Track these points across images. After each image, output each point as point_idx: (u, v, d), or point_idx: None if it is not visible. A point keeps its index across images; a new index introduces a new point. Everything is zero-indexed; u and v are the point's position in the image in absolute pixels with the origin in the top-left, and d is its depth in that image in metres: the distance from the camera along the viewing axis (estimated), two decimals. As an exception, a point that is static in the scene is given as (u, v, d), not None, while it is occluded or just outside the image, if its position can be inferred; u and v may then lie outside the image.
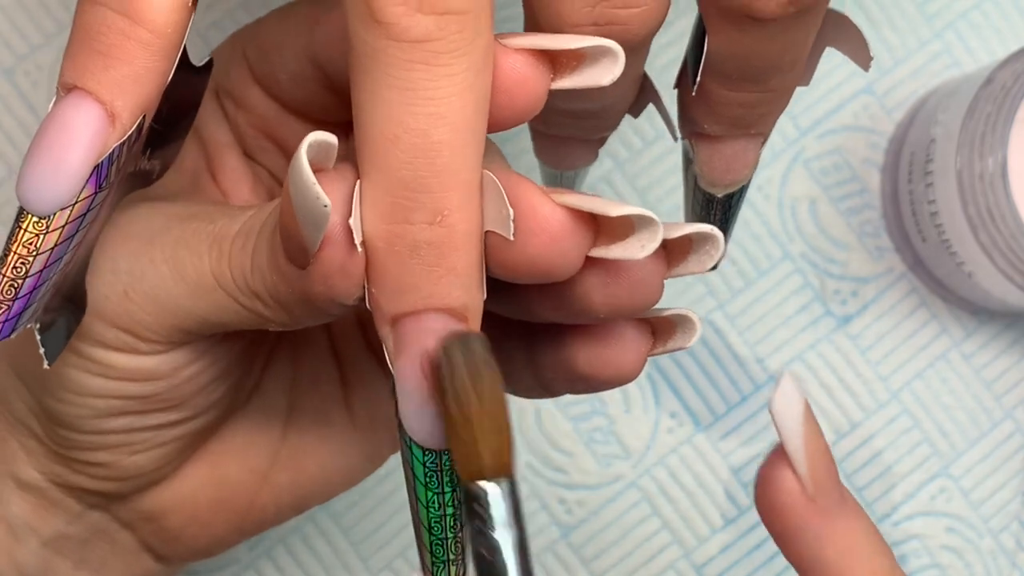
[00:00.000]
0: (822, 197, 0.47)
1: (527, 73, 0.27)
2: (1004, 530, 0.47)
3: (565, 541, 0.46)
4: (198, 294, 0.29)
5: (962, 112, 0.42)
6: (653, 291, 0.28)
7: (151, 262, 0.29)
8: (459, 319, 0.26)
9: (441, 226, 0.25)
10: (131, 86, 0.26)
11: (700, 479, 0.46)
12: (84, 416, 0.31)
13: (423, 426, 0.26)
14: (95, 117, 0.25)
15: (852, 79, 0.47)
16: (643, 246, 0.26)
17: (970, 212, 0.42)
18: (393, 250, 0.26)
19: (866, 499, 0.47)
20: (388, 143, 0.25)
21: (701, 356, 0.47)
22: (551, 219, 0.26)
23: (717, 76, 0.30)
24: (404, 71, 0.25)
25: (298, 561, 0.46)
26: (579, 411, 0.47)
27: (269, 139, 0.33)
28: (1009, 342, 0.47)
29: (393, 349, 0.26)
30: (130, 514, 0.34)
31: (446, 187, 0.25)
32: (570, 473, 0.46)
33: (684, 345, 0.30)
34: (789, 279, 0.47)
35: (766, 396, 0.47)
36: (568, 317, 0.29)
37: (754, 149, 0.32)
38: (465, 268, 0.26)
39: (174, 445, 0.33)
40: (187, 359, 0.30)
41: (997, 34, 0.48)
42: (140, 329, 0.29)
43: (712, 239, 0.28)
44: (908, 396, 0.47)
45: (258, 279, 0.28)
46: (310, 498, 0.35)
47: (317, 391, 0.35)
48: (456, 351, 0.25)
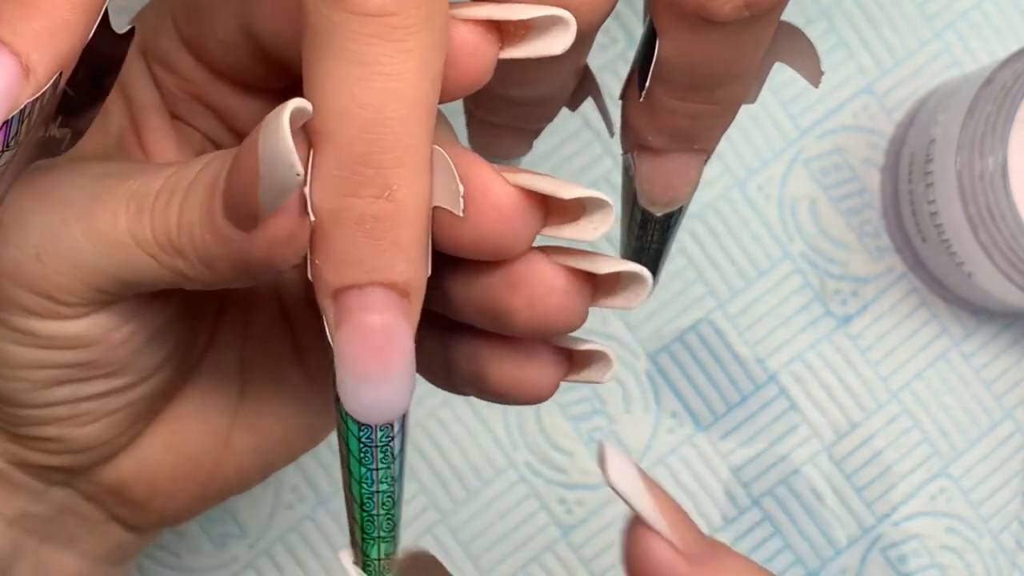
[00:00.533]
0: (822, 197, 0.47)
1: (475, 43, 0.27)
2: (1004, 530, 0.47)
3: (565, 541, 0.46)
4: (111, 252, 0.28)
5: (962, 112, 0.42)
6: (576, 316, 0.28)
7: (63, 222, 0.28)
8: (401, 294, 0.26)
9: (389, 200, 0.25)
10: (49, 39, 0.25)
11: (700, 479, 0.46)
12: (24, 390, 0.30)
13: (359, 400, 0.26)
14: (8, 69, 0.24)
15: (852, 79, 0.47)
16: (595, 228, 0.27)
17: (970, 212, 0.42)
18: (339, 222, 0.25)
19: (866, 499, 0.47)
20: (340, 117, 0.25)
21: (701, 356, 0.47)
22: (503, 198, 0.26)
23: (665, 84, 0.30)
24: (360, 45, 0.25)
25: (297, 560, 0.46)
26: (579, 411, 0.47)
27: (199, 102, 0.33)
28: (1009, 342, 0.47)
29: (333, 322, 0.26)
30: (93, 488, 0.34)
31: (396, 163, 0.25)
32: (570, 473, 0.46)
33: (598, 379, 0.29)
34: (789, 279, 0.47)
35: (766, 396, 0.47)
36: (488, 324, 0.29)
37: (696, 166, 0.31)
38: (410, 243, 0.26)
39: (125, 412, 0.32)
40: (115, 322, 0.30)
41: (997, 34, 0.48)
42: (56, 292, 0.29)
43: (641, 281, 0.28)
44: (908, 396, 0.47)
45: (185, 237, 0.27)
46: (273, 459, 0.35)
47: (269, 349, 0.34)
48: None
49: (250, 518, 0.46)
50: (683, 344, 0.47)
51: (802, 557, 0.46)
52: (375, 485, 0.27)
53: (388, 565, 0.29)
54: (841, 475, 0.47)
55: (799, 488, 0.47)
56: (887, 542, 0.47)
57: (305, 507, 0.46)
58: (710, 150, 0.32)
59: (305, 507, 0.46)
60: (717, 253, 0.47)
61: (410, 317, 0.26)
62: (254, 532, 0.46)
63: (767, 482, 0.47)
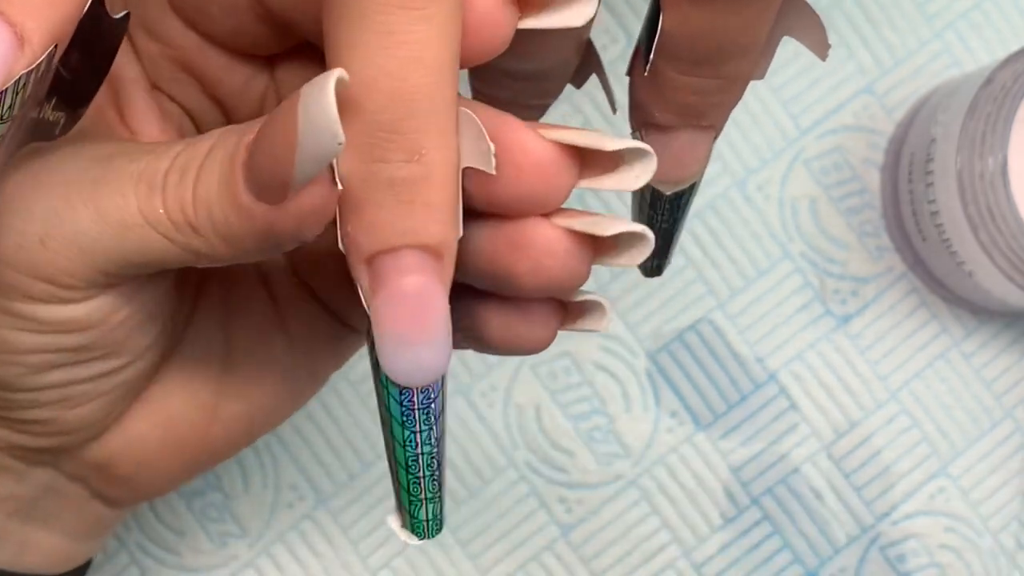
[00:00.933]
0: (822, 197, 0.47)
1: (496, 11, 0.27)
2: (1004, 530, 0.47)
3: (565, 540, 0.46)
4: (123, 233, 0.28)
5: (962, 112, 0.42)
6: (579, 277, 0.28)
7: (69, 206, 0.28)
8: (434, 256, 0.26)
9: (418, 163, 0.25)
10: (44, 9, 0.24)
11: (700, 478, 0.46)
12: (19, 374, 0.30)
13: (400, 364, 0.26)
14: (3, 38, 0.24)
15: (852, 79, 0.47)
16: (637, 177, 0.27)
17: (970, 212, 0.42)
18: (370, 187, 0.26)
19: (865, 498, 0.47)
20: (366, 86, 0.25)
21: (701, 355, 0.47)
22: (541, 154, 0.27)
23: (670, 59, 0.30)
24: (382, 15, 0.25)
25: (297, 559, 0.46)
26: (579, 410, 0.47)
27: (184, 71, 0.32)
28: (1009, 342, 0.47)
29: (368, 288, 0.26)
30: (78, 467, 0.34)
31: (423, 128, 0.25)
32: (570, 472, 0.46)
33: (596, 328, 0.30)
34: (789, 279, 0.47)
35: (766, 395, 0.47)
36: (491, 286, 0.29)
37: (705, 143, 0.31)
38: (441, 204, 0.26)
39: (116, 393, 0.32)
40: (116, 304, 0.30)
41: (997, 34, 0.48)
42: (61, 276, 0.29)
43: (644, 239, 0.28)
44: (907, 396, 0.47)
45: (203, 213, 0.27)
46: (260, 426, 0.35)
47: (251, 318, 0.34)
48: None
49: (250, 517, 0.46)
50: (683, 343, 0.47)
51: (801, 556, 0.46)
52: (419, 447, 0.28)
53: (436, 525, 0.29)
54: (840, 474, 0.47)
55: (798, 487, 0.47)
56: (886, 541, 0.47)
57: (305, 506, 0.46)
58: (719, 127, 0.32)
59: (305, 506, 0.46)
60: (717, 253, 0.47)
61: (444, 278, 0.26)
62: (254, 531, 0.46)
63: (766, 481, 0.47)
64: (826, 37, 0.31)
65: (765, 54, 0.31)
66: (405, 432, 0.27)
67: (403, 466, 0.28)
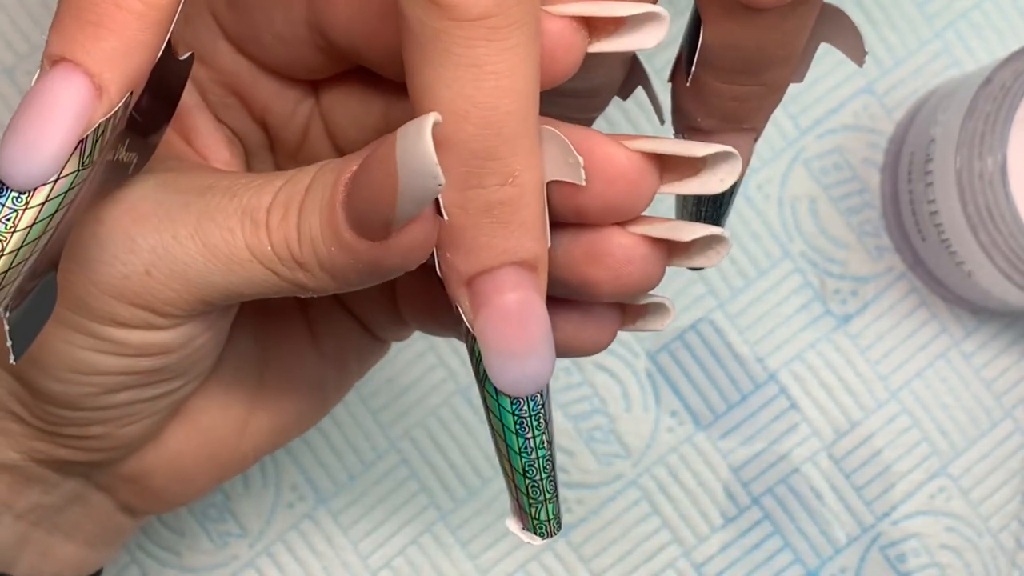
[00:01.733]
0: (822, 197, 0.47)
1: (570, 38, 0.27)
2: (1004, 529, 0.47)
3: (565, 540, 0.46)
4: (231, 268, 0.29)
5: (962, 112, 0.42)
6: (655, 280, 0.29)
7: (175, 239, 0.29)
8: (531, 270, 0.27)
9: (512, 185, 0.26)
10: (120, 59, 0.25)
11: (700, 478, 0.47)
12: (87, 395, 0.31)
13: (509, 377, 0.27)
14: (82, 89, 0.25)
15: (852, 79, 0.47)
16: (721, 180, 0.28)
17: (970, 212, 0.42)
18: (467, 213, 0.26)
19: (865, 498, 0.47)
20: (458, 118, 0.26)
21: (701, 355, 0.47)
22: (627, 164, 0.28)
23: (711, 68, 0.30)
24: (468, 48, 0.25)
25: (298, 559, 0.46)
26: (579, 410, 0.47)
27: (234, 95, 0.33)
28: (1009, 342, 0.47)
29: (471, 308, 0.27)
30: (110, 478, 0.34)
31: (515, 151, 0.26)
32: (570, 472, 0.46)
33: (657, 327, 0.31)
34: (789, 278, 0.47)
35: (766, 395, 0.47)
36: (568, 294, 0.30)
37: (746, 144, 0.32)
38: (534, 221, 0.27)
39: (168, 411, 0.33)
40: (200, 330, 0.31)
41: (997, 34, 0.48)
42: (160, 306, 0.29)
43: (722, 240, 0.29)
44: (908, 395, 0.47)
45: (308, 250, 0.28)
46: (287, 436, 0.36)
47: (284, 331, 0.35)
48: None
49: (251, 517, 0.46)
50: (683, 343, 0.47)
51: (801, 556, 0.46)
52: (534, 452, 0.29)
53: (557, 524, 0.30)
54: (840, 474, 0.47)
55: (799, 487, 0.47)
56: (886, 541, 0.47)
57: (305, 506, 0.46)
58: (760, 128, 0.32)
59: (305, 506, 0.46)
60: (717, 252, 0.47)
61: (541, 289, 0.27)
62: (255, 531, 0.46)
63: (767, 481, 0.47)
64: (862, 43, 0.32)
65: (804, 59, 0.32)
66: (520, 440, 0.28)
67: (520, 472, 0.29)
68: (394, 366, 0.46)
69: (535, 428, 0.28)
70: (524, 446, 0.28)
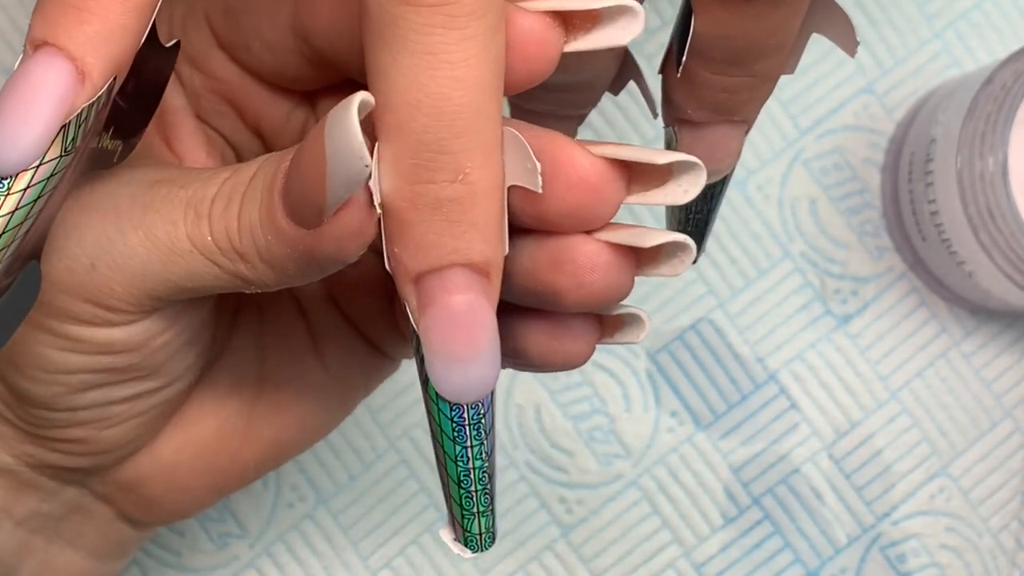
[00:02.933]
0: (822, 197, 0.47)
1: (543, 34, 0.27)
2: (1004, 529, 0.47)
3: (565, 540, 0.46)
4: (172, 260, 0.28)
5: (962, 112, 0.42)
6: (623, 289, 0.28)
7: (119, 232, 0.28)
8: (481, 273, 0.26)
9: (463, 183, 0.26)
10: (103, 44, 0.25)
11: (700, 478, 0.47)
12: (58, 394, 0.31)
13: (450, 381, 0.27)
14: (65, 74, 0.25)
15: (852, 79, 0.47)
16: (685, 191, 0.27)
17: (970, 212, 0.42)
18: (416, 208, 0.26)
19: (866, 498, 0.47)
20: (410, 108, 0.25)
21: (701, 355, 0.47)
22: (589, 170, 0.27)
23: (702, 59, 0.30)
24: (423, 35, 0.25)
25: (298, 559, 0.46)
26: (579, 410, 0.47)
27: (227, 103, 0.33)
28: (1009, 342, 0.47)
29: (417, 307, 0.27)
30: (107, 487, 0.34)
31: (468, 147, 0.25)
32: (570, 472, 0.46)
33: (633, 340, 0.30)
34: (789, 278, 0.47)
35: (766, 395, 0.47)
36: (533, 303, 0.29)
37: (737, 137, 0.32)
38: (487, 223, 0.26)
39: (151, 414, 0.32)
40: (159, 327, 0.30)
41: (997, 34, 0.48)
42: (109, 300, 0.29)
43: (686, 248, 0.28)
44: (908, 395, 0.47)
45: (247, 240, 0.27)
46: (289, 451, 0.35)
47: (287, 344, 0.35)
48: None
49: (251, 517, 0.46)
50: (683, 343, 0.47)
51: (802, 556, 0.46)
52: (470, 462, 0.28)
53: (489, 538, 0.29)
54: (841, 474, 0.47)
55: (799, 487, 0.47)
56: (886, 541, 0.47)
57: (306, 506, 0.46)
58: (751, 120, 0.32)
59: (306, 506, 0.46)
60: (717, 253, 0.47)
61: (491, 295, 0.27)
62: (255, 531, 0.46)
63: (767, 481, 0.47)
64: (855, 34, 0.32)
65: (795, 50, 0.32)
66: (457, 447, 0.28)
67: (455, 481, 0.28)
68: (394, 366, 0.46)
69: (473, 437, 0.28)
70: (460, 455, 0.28)
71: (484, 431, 0.28)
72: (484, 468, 0.28)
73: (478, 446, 0.28)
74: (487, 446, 0.28)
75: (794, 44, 0.31)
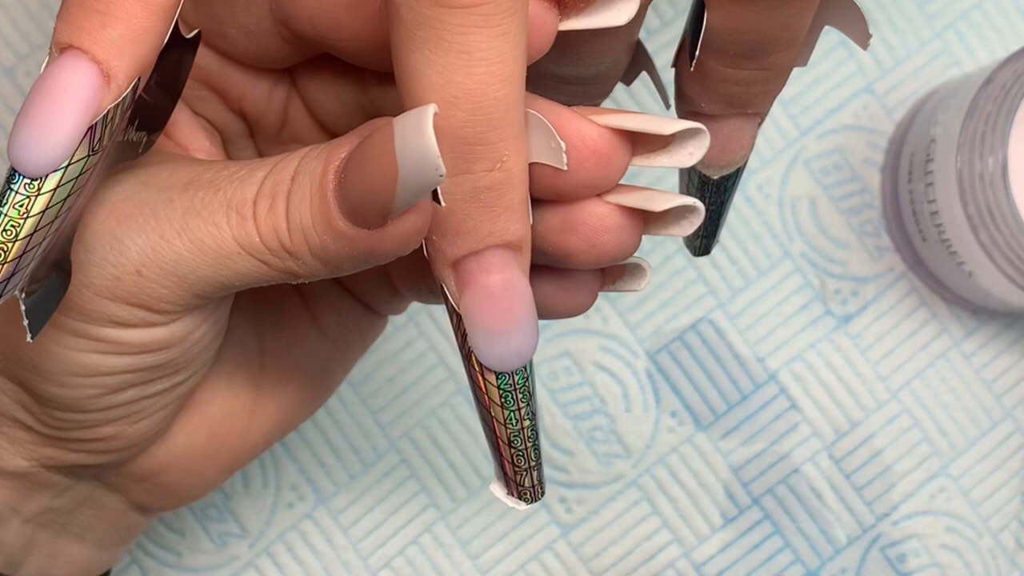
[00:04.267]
0: (822, 197, 0.47)
1: (538, 14, 0.27)
2: (1004, 529, 0.47)
3: (565, 540, 0.46)
4: (220, 262, 0.29)
5: (962, 112, 0.42)
6: (631, 248, 0.29)
7: (162, 238, 0.29)
8: (515, 250, 0.27)
9: (501, 171, 0.26)
10: (128, 46, 0.25)
11: (700, 478, 0.46)
12: (91, 396, 0.31)
13: (495, 353, 0.28)
14: (91, 77, 0.25)
15: (852, 79, 0.47)
16: (691, 154, 0.28)
17: (970, 212, 0.42)
18: (455, 199, 0.27)
19: (866, 498, 0.47)
20: (448, 105, 0.26)
21: (701, 355, 0.47)
22: (600, 141, 0.28)
23: (715, 52, 0.30)
24: (459, 35, 0.25)
25: (298, 559, 0.46)
26: (579, 410, 0.47)
27: (208, 89, 0.33)
28: (1009, 342, 0.47)
29: (456, 288, 0.28)
30: (122, 478, 0.34)
31: (504, 137, 0.26)
32: (570, 472, 0.46)
33: (636, 288, 0.31)
34: (789, 278, 0.47)
35: (766, 395, 0.47)
36: (546, 262, 0.30)
37: (750, 129, 0.32)
38: (519, 203, 0.27)
39: (175, 404, 0.33)
40: (197, 322, 0.31)
41: (997, 34, 0.48)
42: (155, 303, 0.29)
43: (694, 210, 0.29)
44: (908, 395, 0.47)
45: (298, 239, 0.28)
46: (296, 418, 0.36)
47: (282, 315, 0.35)
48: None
49: (251, 517, 0.46)
50: (683, 343, 0.47)
51: (802, 556, 0.46)
52: (520, 423, 0.29)
53: (541, 489, 0.31)
54: (841, 474, 0.47)
55: (799, 487, 0.47)
56: (887, 541, 0.47)
57: (306, 506, 0.46)
58: (764, 113, 0.32)
59: (306, 506, 0.46)
60: (717, 253, 0.47)
61: (525, 268, 0.28)
62: (255, 531, 0.46)
63: (767, 481, 0.47)
64: (867, 27, 0.32)
65: (808, 43, 0.32)
66: (506, 412, 0.29)
67: (506, 443, 0.30)
68: (394, 366, 0.46)
69: (521, 400, 0.29)
70: (510, 418, 0.29)
71: (529, 392, 0.29)
72: (532, 426, 0.30)
73: (526, 407, 0.29)
74: (533, 405, 0.29)
75: (807, 37, 0.31)
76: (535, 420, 0.30)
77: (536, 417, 0.30)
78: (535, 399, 0.30)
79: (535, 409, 0.30)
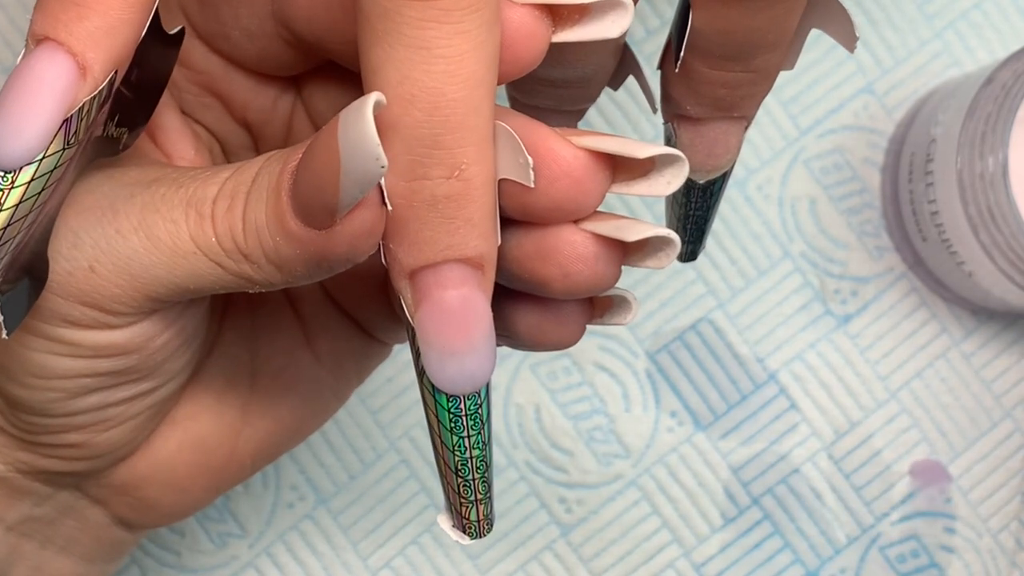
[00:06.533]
0: (822, 197, 0.47)
1: (531, 26, 0.27)
2: (1003, 530, 0.47)
3: (564, 540, 0.46)
4: (175, 261, 0.28)
5: (962, 112, 0.42)
6: (609, 279, 0.28)
7: (118, 232, 0.28)
8: (475, 267, 0.26)
9: (459, 180, 0.26)
10: (104, 38, 0.25)
11: (700, 478, 0.47)
12: (53, 400, 0.30)
13: (446, 374, 0.27)
14: (66, 69, 0.25)
15: (852, 79, 0.47)
16: (668, 183, 0.27)
17: (970, 212, 0.42)
18: (411, 205, 0.26)
19: (865, 498, 0.47)
20: (405, 103, 0.25)
21: (701, 355, 0.47)
22: (573, 163, 0.27)
23: (700, 54, 0.30)
24: (418, 30, 0.25)
25: (297, 559, 0.46)
26: (579, 410, 0.47)
27: (211, 95, 0.33)
28: (1009, 342, 0.47)
29: (412, 301, 0.27)
30: (102, 490, 0.34)
31: (462, 142, 0.25)
32: (570, 472, 0.46)
33: (622, 322, 0.30)
34: (789, 278, 0.47)
35: (766, 395, 0.47)
36: (523, 289, 0.29)
37: (736, 133, 0.32)
38: (481, 218, 0.26)
39: (147, 414, 0.32)
40: (157, 328, 0.30)
41: (997, 34, 0.48)
42: (109, 303, 0.29)
43: (670, 243, 0.28)
44: (907, 395, 0.47)
45: (253, 241, 0.27)
46: (285, 443, 0.35)
47: (278, 337, 0.34)
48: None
49: (250, 517, 0.46)
50: (683, 343, 0.47)
51: (801, 556, 0.46)
52: (468, 452, 0.28)
53: (488, 524, 0.29)
54: (840, 474, 0.47)
55: (798, 487, 0.47)
56: (886, 541, 0.47)
57: (305, 506, 0.46)
58: (750, 117, 0.32)
59: (305, 506, 0.46)
60: (717, 253, 0.47)
61: (486, 288, 0.27)
62: (255, 531, 0.46)
63: (767, 481, 0.47)
64: (854, 29, 0.31)
65: (794, 46, 0.32)
66: (455, 438, 0.28)
67: (454, 470, 0.28)
68: (394, 366, 0.46)
69: (471, 428, 0.28)
70: (459, 445, 0.28)
71: (481, 421, 0.28)
72: (482, 457, 0.28)
73: (476, 436, 0.28)
74: (484, 435, 0.28)
75: (793, 39, 0.31)
76: (487, 451, 0.28)
77: (488, 448, 0.28)
78: (488, 428, 0.28)
79: (487, 440, 0.28)
